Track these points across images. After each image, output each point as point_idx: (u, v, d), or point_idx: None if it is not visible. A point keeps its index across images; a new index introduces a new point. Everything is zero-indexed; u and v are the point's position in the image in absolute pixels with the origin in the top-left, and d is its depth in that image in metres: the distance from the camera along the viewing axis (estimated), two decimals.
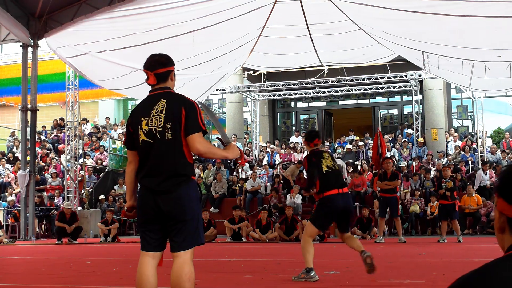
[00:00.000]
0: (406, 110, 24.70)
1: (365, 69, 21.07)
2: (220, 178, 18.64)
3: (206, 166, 20.22)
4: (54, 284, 6.08)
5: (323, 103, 26.05)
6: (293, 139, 22.82)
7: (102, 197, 18.94)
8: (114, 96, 25.30)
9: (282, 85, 21.79)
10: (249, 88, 22.41)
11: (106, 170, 20.77)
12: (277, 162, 20.73)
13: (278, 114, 26.70)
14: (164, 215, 3.29)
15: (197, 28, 14.38)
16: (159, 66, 3.44)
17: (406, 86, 21.02)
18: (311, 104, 26.09)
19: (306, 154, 7.45)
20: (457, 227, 12.67)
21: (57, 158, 21.51)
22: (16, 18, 14.68)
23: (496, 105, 23.50)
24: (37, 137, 20.23)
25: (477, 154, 19.26)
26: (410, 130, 21.21)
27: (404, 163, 18.58)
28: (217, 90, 21.46)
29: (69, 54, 15.37)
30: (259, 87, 22.11)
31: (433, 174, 17.24)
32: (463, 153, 19.32)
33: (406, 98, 24.31)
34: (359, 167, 18.70)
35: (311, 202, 15.26)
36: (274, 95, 23.16)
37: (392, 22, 14.12)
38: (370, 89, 21.59)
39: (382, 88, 21.26)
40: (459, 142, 20.52)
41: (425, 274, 6.32)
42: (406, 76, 20.18)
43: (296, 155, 20.51)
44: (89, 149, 22.28)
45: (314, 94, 22.46)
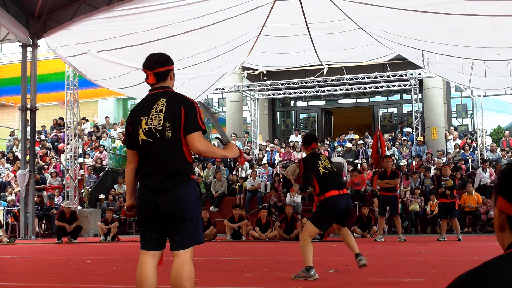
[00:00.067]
0: (406, 108, 24.69)
1: (364, 68, 21.07)
2: (220, 177, 18.63)
3: (206, 165, 20.22)
4: (54, 283, 6.08)
5: (323, 102, 26.04)
6: (292, 138, 22.81)
7: (102, 196, 18.94)
8: (113, 95, 25.28)
9: (282, 84, 21.79)
10: (248, 87, 22.40)
11: (106, 169, 20.77)
12: (276, 161, 20.72)
13: (278, 113, 26.70)
14: (163, 214, 3.29)
15: (196, 27, 14.38)
16: (158, 66, 3.44)
17: (405, 85, 21.02)
18: (311, 103, 26.08)
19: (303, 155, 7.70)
20: (456, 226, 12.67)
21: (56, 157, 21.50)
22: (15, 18, 14.68)
23: (495, 103, 23.49)
24: (36, 136, 20.23)
25: (476, 152, 19.26)
26: (409, 129, 21.20)
27: (403, 162, 18.57)
28: (216, 89, 21.45)
29: (68, 53, 15.36)
30: (259, 86, 22.10)
31: (432, 172, 17.26)
32: (463, 151, 19.32)
33: (405, 97, 24.31)
34: (359, 166, 18.70)
35: (311, 201, 15.25)
36: (273, 94, 23.14)
37: (391, 21, 14.11)
38: (370, 88, 21.57)
39: (381, 87, 21.24)
40: (459, 141, 20.51)
41: (424, 272, 6.32)
42: (405, 75, 20.16)
43: (295, 154, 20.50)
44: (88, 148, 22.28)
45: (313, 93, 22.45)
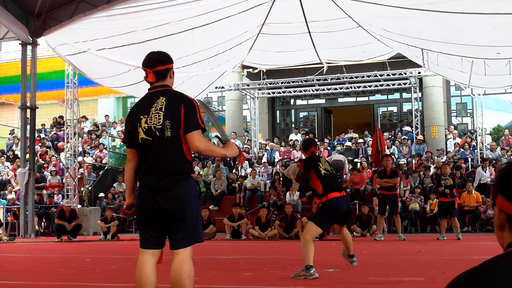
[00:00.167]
0: (406, 107, 24.69)
1: (364, 66, 21.05)
2: (219, 176, 18.62)
3: (205, 163, 20.20)
4: (53, 281, 6.08)
5: (323, 101, 26.03)
6: (292, 137, 22.81)
7: (102, 195, 18.93)
8: (113, 94, 25.26)
9: (282, 82, 21.78)
10: (248, 85, 22.39)
11: (106, 168, 20.75)
12: (276, 160, 20.72)
13: (278, 111, 26.70)
14: (163, 213, 3.29)
15: (196, 26, 14.37)
16: (158, 64, 3.43)
17: (405, 84, 21.01)
18: (311, 101, 26.07)
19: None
20: (456, 225, 12.66)
21: (56, 156, 21.49)
22: (15, 17, 14.66)
23: (495, 102, 23.48)
24: (36, 135, 20.22)
25: (476, 151, 19.26)
26: (409, 128, 21.20)
27: (403, 161, 18.57)
28: (216, 87, 21.42)
29: (68, 52, 15.36)
30: (259, 85, 22.09)
31: (432, 171, 17.25)
32: (463, 150, 19.31)
33: (405, 95, 24.30)
34: (359, 165, 18.69)
35: (311, 200, 15.24)
36: (273, 93, 23.12)
37: (391, 20, 14.11)
38: (370, 86, 21.55)
39: (381, 85, 21.23)
40: (459, 140, 20.49)
41: (424, 271, 6.32)
42: (405, 73, 20.14)
43: (295, 153, 20.49)
44: (88, 147, 22.28)
45: (313, 91, 22.44)
